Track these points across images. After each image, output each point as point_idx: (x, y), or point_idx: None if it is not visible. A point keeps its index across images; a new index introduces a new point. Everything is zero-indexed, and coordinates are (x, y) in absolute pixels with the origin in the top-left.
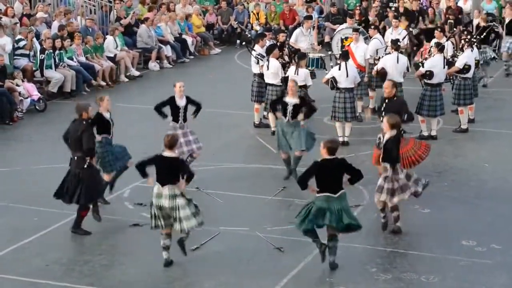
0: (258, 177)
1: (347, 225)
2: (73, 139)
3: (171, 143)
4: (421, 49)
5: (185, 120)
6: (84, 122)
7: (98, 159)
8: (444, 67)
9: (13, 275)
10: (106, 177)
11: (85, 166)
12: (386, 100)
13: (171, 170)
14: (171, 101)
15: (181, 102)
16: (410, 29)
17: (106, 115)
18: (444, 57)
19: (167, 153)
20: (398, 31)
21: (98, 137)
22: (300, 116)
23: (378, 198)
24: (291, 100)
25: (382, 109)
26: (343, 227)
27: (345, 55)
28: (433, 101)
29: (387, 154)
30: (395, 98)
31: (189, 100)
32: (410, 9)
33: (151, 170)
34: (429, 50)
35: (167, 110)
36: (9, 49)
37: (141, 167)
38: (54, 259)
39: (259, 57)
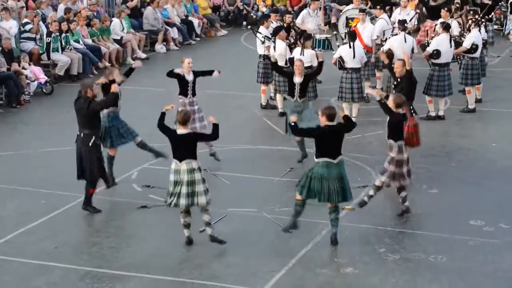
0: (265, 158)
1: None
2: (80, 116)
3: (185, 119)
4: (426, 28)
5: (194, 94)
6: (90, 100)
7: (103, 134)
8: (450, 46)
9: (22, 258)
10: (111, 152)
11: (90, 144)
12: (399, 79)
13: (187, 146)
14: (180, 75)
15: (189, 77)
16: (418, 10)
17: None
18: (450, 36)
19: (181, 130)
20: (407, 11)
21: (105, 111)
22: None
23: (380, 179)
24: (299, 79)
25: (393, 87)
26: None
27: (352, 35)
28: (441, 81)
29: (390, 131)
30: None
31: (198, 74)
32: None
33: None
34: (435, 29)
35: (175, 85)
36: (14, 32)
37: (161, 124)
38: (62, 241)
39: (265, 38)
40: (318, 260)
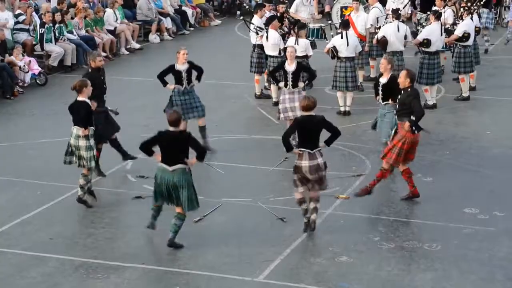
0: (260, 148)
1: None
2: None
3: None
4: None
5: (294, 85)
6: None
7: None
8: (441, 35)
9: (17, 249)
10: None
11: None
12: (402, 91)
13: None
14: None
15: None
16: None
17: (181, 67)
18: (442, 25)
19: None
20: (400, 0)
21: (172, 86)
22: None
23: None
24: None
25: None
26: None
27: (346, 24)
28: (431, 69)
29: (298, 136)
30: (409, 90)
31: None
32: None
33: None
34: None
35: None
36: (11, 24)
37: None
38: (57, 232)
39: (257, 29)
40: (313, 249)
